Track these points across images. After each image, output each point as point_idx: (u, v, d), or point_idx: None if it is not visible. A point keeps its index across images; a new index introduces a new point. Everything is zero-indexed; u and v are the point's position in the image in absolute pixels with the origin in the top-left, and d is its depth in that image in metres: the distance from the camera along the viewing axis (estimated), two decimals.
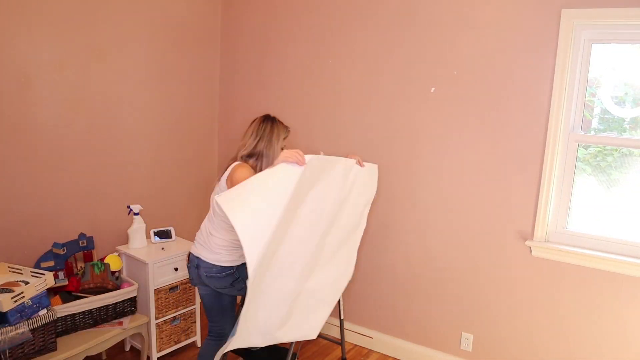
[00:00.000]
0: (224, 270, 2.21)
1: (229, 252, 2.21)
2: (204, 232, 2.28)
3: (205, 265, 2.23)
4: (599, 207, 2.48)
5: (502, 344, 2.73)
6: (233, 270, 2.23)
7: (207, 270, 2.23)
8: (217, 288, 2.28)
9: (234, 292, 2.31)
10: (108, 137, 2.94)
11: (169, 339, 2.95)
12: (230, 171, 2.18)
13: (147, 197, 3.21)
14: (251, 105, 3.44)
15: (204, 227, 2.30)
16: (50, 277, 2.31)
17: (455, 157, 2.72)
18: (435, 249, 2.85)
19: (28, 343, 2.21)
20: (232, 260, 2.22)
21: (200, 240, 2.28)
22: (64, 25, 2.63)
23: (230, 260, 2.21)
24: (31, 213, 2.64)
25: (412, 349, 3.02)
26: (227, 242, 2.20)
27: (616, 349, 2.42)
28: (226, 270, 2.22)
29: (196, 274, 2.29)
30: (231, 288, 2.27)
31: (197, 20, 3.35)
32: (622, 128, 2.38)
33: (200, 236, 2.29)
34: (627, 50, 2.34)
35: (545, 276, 2.56)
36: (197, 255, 2.26)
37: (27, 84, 2.53)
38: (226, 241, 2.20)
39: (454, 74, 2.66)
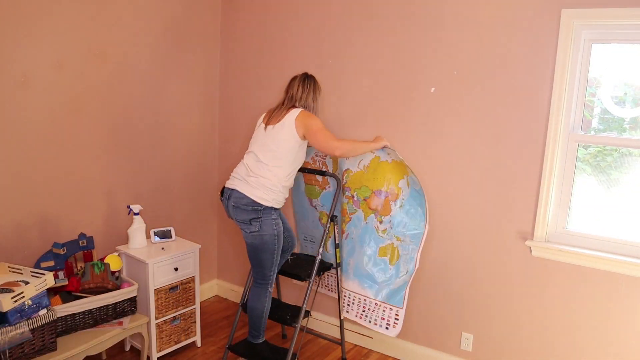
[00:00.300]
0: (252, 205, 2.46)
1: (268, 191, 2.46)
2: (246, 169, 2.53)
3: (236, 196, 2.49)
4: (598, 207, 2.48)
5: (502, 344, 2.73)
6: (261, 208, 2.46)
7: (237, 200, 2.48)
8: (238, 220, 2.52)
9: (248, 229, 2.50)
10: (108, 137, 2.94)
11: (169, 339, 2.95)
12: (302, 116, 2.48)
13: (147, 197, 3.21)
14: (251, 104, 3.45)
15: (246, 165, 2.54)
16: (50, 277, 2.31)
17: (455, 157, 2.72)
18: (435, 249, 2.85)
19: (28, 343, 2.21)
20: (267, 199, 2.46)
21: (239, 176, 2.54)
22: (64, 25, 2.63)
23: (265, 198, 2.46)
24: (31, 213, 2.64)
25: (412, 349, 3.02)
26: (276, 184, 2.48)
27: (616, 348, 2.42)
28: (254, 205, 2.45)
29: (226, 205, 2.58)
30: (248, 225, 2.48)
31: (197, 19, 3.35)
32: (622, 128, 2.38)
33: (240, 172, 2.55)
34: (627, 50, 2.34)
35: (545, 276, 2.56)
36: (232, 188, 2.52)
37: (27, 84, 2.53)
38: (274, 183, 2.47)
39: (454, 74, 2.66)
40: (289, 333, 3.34)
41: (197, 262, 3.03)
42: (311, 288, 2.72)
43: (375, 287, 2.78)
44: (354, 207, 2.81)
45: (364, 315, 2.84)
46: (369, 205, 2.75)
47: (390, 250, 2.72)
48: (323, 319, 3.35)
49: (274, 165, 2.49)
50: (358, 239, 2.81)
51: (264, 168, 2.49)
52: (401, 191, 2.68)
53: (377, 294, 2.78)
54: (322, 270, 2.81)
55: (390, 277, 2.74)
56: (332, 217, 2.81)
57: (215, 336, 3.27)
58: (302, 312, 2.67)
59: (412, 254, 2.69)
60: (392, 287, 2.75)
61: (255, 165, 2.51)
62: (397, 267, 2.72)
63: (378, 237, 2.75)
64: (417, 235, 2.68)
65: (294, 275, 2.77)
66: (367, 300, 2.82)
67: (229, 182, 2.59)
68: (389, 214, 2.69)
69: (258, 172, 2.48)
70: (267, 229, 2.49)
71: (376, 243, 2.75)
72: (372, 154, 2.74)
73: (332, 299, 3.27)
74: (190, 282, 3.00)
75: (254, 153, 2.54)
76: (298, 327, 2.65)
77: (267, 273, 2.61)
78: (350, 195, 2.82)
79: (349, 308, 2.90)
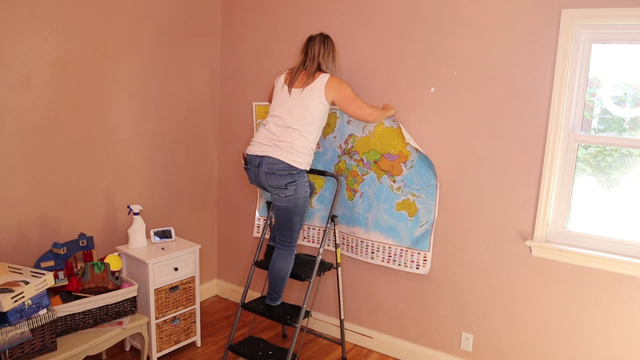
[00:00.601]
0: (289, 169, 2.46)
1: (301, 154, 2.48)
2: (272, 135, 2.50)
3: (269, 162, 2.47)
4: (598, 207, 2.48)
5: (502, 344, 2.73)
6: (296, 171, 2.48)
7: (271, 166, 2.47)
8: (272, 186, 2.51)
9: (283, 194, 2.51)
10: (108, 137, 2.94)
11: (169, 339, 2.95)
12: (333, 82, 2.50)
13: (147, 197, 3.21)
14: (251, 104, 3.44)
15: (271, 131, 2.52)
16: (50, 277, 2.31)
17: (455, 157, 2.72)
18: (435, 249, 2.85)
19: (28, 343, 2.21)
20: (301, 162, 2.49)
21: (267, 142, 2.51)
22: (64, 25, 2.63)
23: (299, 162, 2.48)
24: (31, 213, 2.64)
25: (412, 349, 3.02)
26: (306, 146, 2.50)
27: (616, 348, 2.42)
28: (290, 170, 2.47)
29: (255, 173, 2.55)
30: (284, 189, 2.49)
31: (197, 18, 3.35)
32: (622, 128, 2.38)
33: (266, 138, 2.52)
34: (627, 50, 2.34)
35: (545, 276, 2.56)
36: (262, 155, 2.50)
37: (27, 84, 2.53)
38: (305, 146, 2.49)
39: (454, 74, 2.66)
40: (289, 333, 3.34)
41: (197, 262, 3.03)
42: (311, 288, 2.72)
43: (398, 237, 2.84)
44: (365, 169, 2.89)
45: (391, 259, 2.89)
46: (380, 167, 2.83)
47: (408, 205, 2.78)
48: (323, 319, 3.35)
49: (305, 130, 2.49)
50: (374, 196, 2.88)
51: (294, 133, 2.48)
52: (410, 154, 2.75)
53: (402, 242, 2.84)
54: (322, 270, 2.81)
55: (411, 227, 2.80)
56: (332, 217, 2.82)
57: (215, 336, 3.27)
58: (302, 312, 2.67)
59: (429, 207, 2.74)
60: (414, 235, 2.80)
61: (284, 131, 2.50)
62: (416, 218, 2.78)
63: (394, 194, 2.82)
64: (431, 190, 2.72)
65: (294, 275, 2.77)
66: (392, 247, 2.87)
67: (253, 149, 2.56)
68: (401, 174, 2.77)
69: (288, 138, 2.48)
70: (301, 192, 2.54)
71: (393, 199, 2.82)
72: None
73: (332, 299, 3.27)
74: (190, 282, 3.00)
75: (280, 118, 2.52)
76: (298, 327, 2.65)
77: (295, 235, 2.68)
78: (359, 159, 2.89)
79: (373, 255, 2.95)
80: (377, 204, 2.87)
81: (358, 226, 2.96)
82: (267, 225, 2.98)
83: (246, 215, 3.60)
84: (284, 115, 2.51)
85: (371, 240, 2.94)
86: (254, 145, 2.58)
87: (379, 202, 2.87)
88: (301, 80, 2.54)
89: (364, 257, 2.99)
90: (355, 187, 2.94)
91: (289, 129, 2.49)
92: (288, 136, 2.48)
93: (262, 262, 2.91)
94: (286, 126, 2.50)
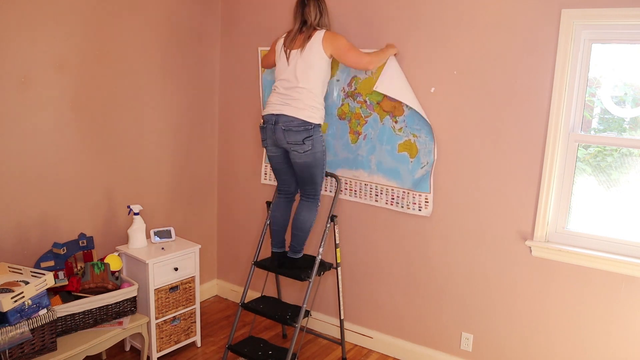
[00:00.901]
0: (304, 125, 2.57)
1: (313, 109, 2.59)
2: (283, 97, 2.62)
3: (285, 120, 2.58)
4: (598, 207, 2.48)
5: (502, 344, 2.73)
6: (311, 126, 2.59)
7: (287, 123, 2.58)
8: (290, 142, 2.60)
9: (301, 149, 2.60)
10: (108, 137, 2.94)
11: (169, 339, 2.95)
12: (328, 37, 2.58)
13: (147, 197, 3.21)
14: (251, 104, 3.45)
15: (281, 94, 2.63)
16: (50, 277, 2.31)
17: (455, 157, 2.72)
18: (435, 249, 2.85)
19: (28, 343, 2.21)
20: (314, 117, 2.60)
21: (280, 102, 2.62)
22: (64, 25, 2.63)
23: (313, 116, 2.59)
24: (31, 213, 2.64)
25: (412, 349, 3.02)
26: (316, 101, 2.61)
27: (616, 348, 2.42)
28: (306, 125, 2.57)
29: (272, 131, 2.64)
30: (301, 145, 2.59)
31: (197, 20, 3.35)
32: (622, 128, 2.38)
33: (281, 99, 2.62)
34: (627, 50, 2.34)
35: (545, 276, 2.56)
36: (277, 113, 2.61)
37: (27, 84, 2.53)
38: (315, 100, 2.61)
39: (454, 74, 2.66)
40: (289, 333, 3.34)
41: (197, 262, 3.03)
42: (311, 288, 2.72)
43: (400, 179, 2.87)
44: (368, 111, 2.91)
45: (394, 202, 2.92)
46: (383, 108, 2.85)
47: (409, 146, 2.81)
48: (323, 319, 3.35)
49: (312, 86, 2.60)
50: (377, 138, 2.90)
51: (302, 91, 2.59)
52: None
53: (403, 184, 2.87)
54: (322, 270, 2.81)
55: (412, 168, 2.82)
56: (332, 217, 2.82)
57: (215, 336, 3.27)
58: (302, 312, 2.67)
59: (429, 147, 2.76)
60: (415, 176, 2.81)
61: (292, 91, 2.60)
62: (417, 159, 2.80)
63: (395, 135, 2.84)
64: (430, 130, 2.74)
65: (294, 275, 2.77)
66: (394, 190, 2.90)
67: (269, 109, 2.67)
68: (403, 114, 2.80)
69: (298, 96, 2.59)
70: (318, 146, 2.64)
71: (395, 140, 2.85)
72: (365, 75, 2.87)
73: (332, 299, 3.27)
74: (190, 282, 3.00)
75: (287, 80, 2.63)
76: (298, 327, 2.65)
77: (318, 188, 2.76)
78: (362, 100, 2.92)
79: (377, 197, 2.98)
80: (380, 145, 2.90)
81: (362, 169, 2.99)
82: (266, 226, 2.98)
83: (246, 215, 3.60)
84: (290, 77, 2.62)
85: (374, 183, 2.96)
86: (269, 106, 2.68)
87: (381, 144, 2.89)
88: (299, 42, 2.63)
89: (367, 200, 3.02)
90: (358, 129, 2.96)
91: (297, 88, 2.59)
92: (298, 95, 2.59)
93: (262, 262, 2.91)
94: (294, 87, 2.60)
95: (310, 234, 2.85)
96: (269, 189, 3.41)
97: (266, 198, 3.39)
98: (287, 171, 2.80)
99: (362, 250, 3.12)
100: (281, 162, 2.76)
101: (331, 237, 2.92)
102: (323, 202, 3.18)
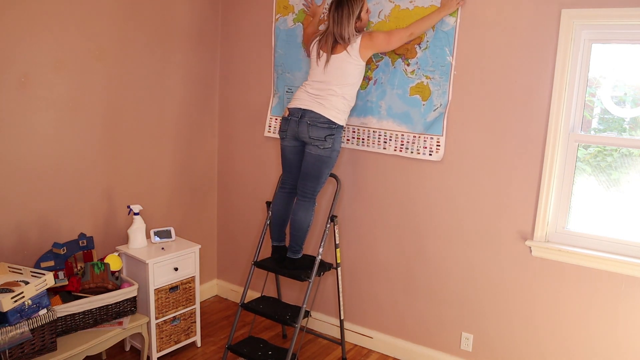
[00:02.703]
0: (329, 123, 2.62)
1: (340, 112, 2.65)
2: (312, 95, 2.66)
3: (312, 116, 2.63)
4: (598, 207, 2.48)
5: (502, 344, 2.73)
6: (335, 126, 2.64)
7: (313, 119, 2.63)
8: (312, 137, 2.64)
9: (321, 145, 2.64)
10: (108, 137, 2.94)
11: (169, 339, 2.95)
12: (365, 42, 2.59)
13: (147, 197, 3.21)
14: (251, 104, 3.44)
15: (310, 93, 2.67)
16: (50, 277, 2.31)
17: (455, 157, 2.72)
18: (435, 249, 2.85)
19: (28, 343, 2.21)
20: (340, 118, 2.66)
21: (310, 99, 2.66)
22: (64, 25, 2.63)
23: (338, 117, 2.65)
24: (31, 213, 2.64)
25: (412, 349, 3.02)
26: (345, 105, 2.68)
27: (616, 348, 2.42)
28: (330, 124, 2.62)
29: (296, 124, 2.67)
30: (322, 141, 2.63)
31: (197, 19, 3.35)
32: (622, 128, 2.38)
33: (311, 96, 2.66)
34: (627, 50, 2.34)
35: (545, 276, 2.56)
36: (305, 108, 2.65)
37: (27, 84, 2.53)
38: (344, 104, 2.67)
39: (454, 74, 2.66)
40: (289, 333, 3.34)
41: (197, 262, 3.03)
42: (311, 288, 2.72)
43: (411, 123, 2.83)
44: (379, 55, 2.87)
45: (403, 148, 2.87)
46: (395, 51, 2.81)
47: (421, 89, 2.77)
48: (323, 319, 3.35)
49: (343, 92, 2.64)
50: (387, 82, 2.87)
51: (334, 94, 2.63)
52: (425, 34, 2.72)
53: (414, 128, 2.82)
54: (321, 270, 2.81)
55: (424, 111, 2.78)
56: (331, 217, 2.82)
57: (215, 336, 3.27)
58: (302, 312, 2.67)
59: (443, 89, 2.71)
60: (427, 119, 2.77)
61: (324, 93, 2.64)
62: (430, 101, 2.75)
63: (407, 78, 2.80)
64: (445, 70, 2.69)
65: (294, 275, 2.77)
66: (404, 135, 2.86)
67: (296, 102, 2.70)
68: (415, 56, 2.76)
69: (329, 98, 2.63)
70: (337, 146, 2.69)
71: (406, 83, 2.81)
72: (391, 3, 2.79)
73: (331, 299, 3.27)
74: (190, 282, 3.00)
75: (320, 82, 2.66)
76: (298, 327, 2.65)
77: (318, 188, 2.77)
78: None
79: (385, 145, 2.92)
80: (391, 89, 2.85)
81: (371, 115, 2.95)
82: (266, 226, 2.98)
83: (246, 215, 3.60)
84: (323, 80, 2.66)
85: (384, 129, 2.92)
86: (296, 100, 2.71)
87: (392, 88, 2.85)
88: (336, 47, 2.63)
89: (375, 148, 2.96)
90: (369, 74, 2.91)
91: (329, 90, 2.64)
92: (328, 96, 2.63)
93: (262, 263, 2.91)
94: (325, 89, 2.64)
95: (309, 233, 2.84)
96: (270, 194, 3.41)
97: (267, 199, 3.39)
98: (297, 165, 2.80)
99: (362, 251, 3.12)
100: (295, 153, 2.77)
101: (331, 238, 2.92)
102: (324, 198, 3.18)
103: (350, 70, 2.63)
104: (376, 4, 2.81)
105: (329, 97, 2.63)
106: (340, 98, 2.64)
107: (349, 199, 3.10)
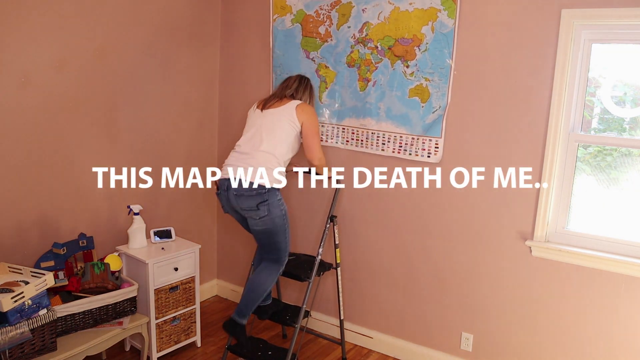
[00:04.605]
0: (256, 189, 2.41)
1: (267, 172, 2.43)
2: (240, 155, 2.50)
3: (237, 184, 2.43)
4: (598, 207, 2.48)
5: (502, 344, 2.73)
6: (265, 190, 2.41)
7: (239, 188, 2.42)
8: (244, 209, 2.45)
9: (256, 215, 2.45)
10: (108, 137, 2.94)
11: (169, 339, 2.95)
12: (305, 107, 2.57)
13: (147, 197, 3.21)
14: (251, 104, 3.43)
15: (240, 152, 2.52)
16: (50, 277, 2.31)
17: (455, 157, 2.72)
18: (435, 249, 2.85)
19: (28, 343, 2.21)
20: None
21: (237, 162, 2.48)
22: (64, 25, 2.63)
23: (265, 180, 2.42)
24: (31, 213, 2.64)
25: (412, 349, 3.02)
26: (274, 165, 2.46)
27: (617, 348, 2.42)
28: (258, 190, 2.41)
29: (225, 197, 2.50)
30: (256, 210, 2.43)
31: (197, 18, 3.35)
32: (622, 128, 2.38)
33: (238, 159, 2.50)
34: (627, 50, 2.34)
35: (545, 276, 2.56)
36: (229, 177, 2.46)
37: (27, 84, 2.53)
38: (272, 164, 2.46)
39: (454, 73, 2.66)
40: (289, 333, 3.34)
41: (197, 262, 3.03)
42: (311, 288, 2.72)
43: (410, 125, 2.83)
44: (379, 57, 2.87)
45: (402, 149, 2.87)
46: (394, 53, 2.81)
47: (421, 90, 2.77)
48: (323, 319, 3.35)
49: (275, 149, 2.49)
50: (387, 84, 2.86)
51: (263, 152, 2.48)
52: (424, 37, 2.71)
53: (413, 130, 2.82)
54: (322, 270, 2.81)
55: (423, 113, 2.78)
56: (331, 217, 2.82)
57: (215, 336, 3.27)
58: (302, 312, 2.67)
59: (442, 91, 2.71)
60: (426, 121, 2.77)
61: (253, 151, 2.49)
62: (429, 103, 2.75)
63: (407, 80, 2.79)
64: (444, 72, 2.70)
65: (294, 275, 2.77)
66: (403, 136, 2.86)
67: (224, 173, 2.54)
68: (415, 58, 2.75)
69: (257, 157, 2.47)
70: (275, 211, 2.48)
71: (406, 85, 2.81)
72: (391, 5, 2.77)
73: (331, 299, 3.27)
74: (190, 282, 3.00)
75: (251, 138, 2.54)
76: (298, 327, 2.65)
77: (283, 255, 2.62)
78: (373, 46, 2.87)
79: (384, 146, 2.92)
80: (390, 91, 2.85)
81: (369, 117, 2.94)
82: None
83: None
84: (255, 136, 2.54)
85: (382, 131, 2.91)
86: (223, 169, 2.56)
87: (391, 90, 2.84)
88: (274, 104, 2.60)
89: (374, 149, 2.96)
90: (368, 76, 2.91)
91: (259, 148, 2.49)
92: (257, 155, 2.48)
93: None
94: (256, 146, 2.51)
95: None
96: None
97: None
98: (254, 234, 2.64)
99: (362, 251, 3.12)
100: (245, 225, 2.64)
101: (331, 238, 2.92)
102: (323, 198, 3.18)
103: (284, 125, 2.52)
104: (376, 6, 2.81)
105: (257, 155, 2.47)
106: (269, 155, 2.48)
107: (348, 199, 3.10)
